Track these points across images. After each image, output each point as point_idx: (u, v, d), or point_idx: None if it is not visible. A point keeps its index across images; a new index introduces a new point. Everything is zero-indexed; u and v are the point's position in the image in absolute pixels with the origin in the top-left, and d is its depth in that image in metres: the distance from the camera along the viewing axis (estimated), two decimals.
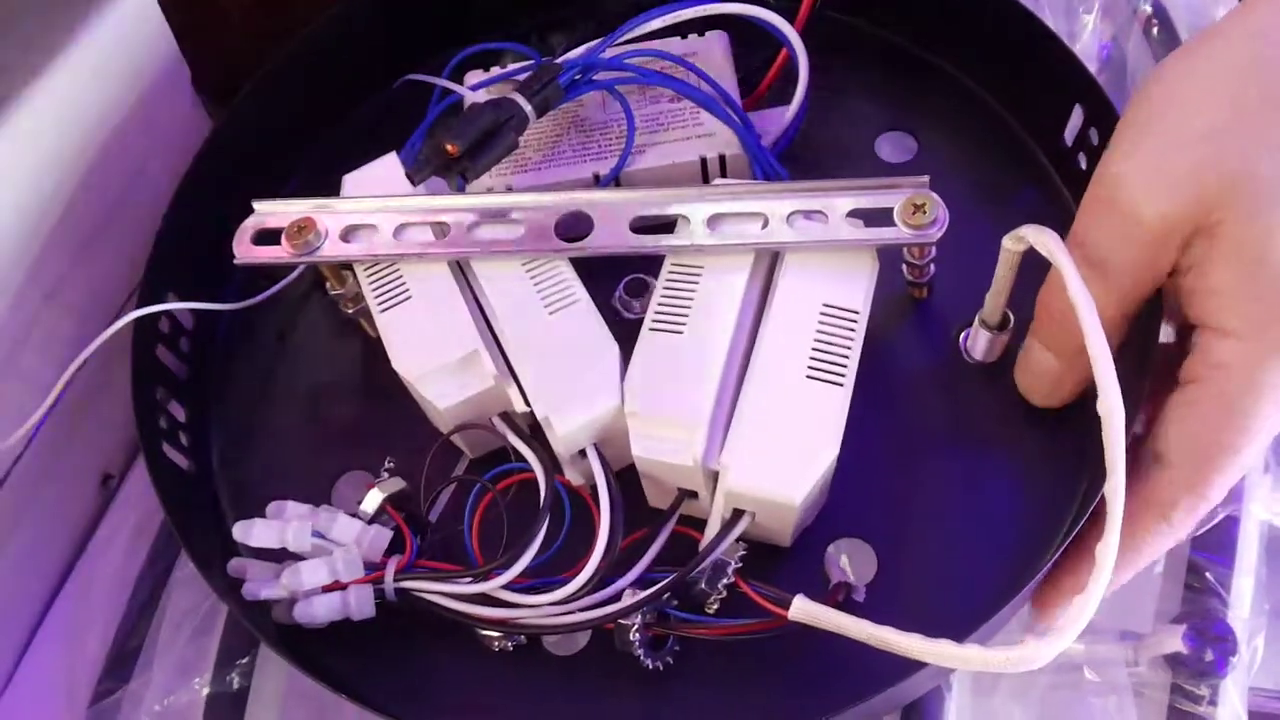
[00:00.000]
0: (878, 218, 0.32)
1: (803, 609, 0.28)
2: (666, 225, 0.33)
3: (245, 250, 0.34)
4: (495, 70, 0.40)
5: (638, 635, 0.29)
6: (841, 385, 0.30)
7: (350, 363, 0.38)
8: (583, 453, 0.31)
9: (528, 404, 0.31)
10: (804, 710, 0.27)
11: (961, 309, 0.34)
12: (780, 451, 0.29)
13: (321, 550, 0.31)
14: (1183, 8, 0.49)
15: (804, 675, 0.29)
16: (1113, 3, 0.50)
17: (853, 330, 0.31)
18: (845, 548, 0.32)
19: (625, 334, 0.32)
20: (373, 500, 0.32)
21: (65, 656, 0.40)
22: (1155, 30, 0.47)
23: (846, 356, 0.30)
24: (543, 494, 0.30)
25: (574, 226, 0.33)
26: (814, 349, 0.30)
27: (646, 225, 0.33)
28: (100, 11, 0.41)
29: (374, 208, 0.34)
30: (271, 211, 0.35)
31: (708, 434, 0.30)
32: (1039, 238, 0.29)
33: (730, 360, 0.31)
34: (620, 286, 0.36)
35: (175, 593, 0.38)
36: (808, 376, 0.30)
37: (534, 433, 0.32)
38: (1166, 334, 0.31)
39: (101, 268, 0.43)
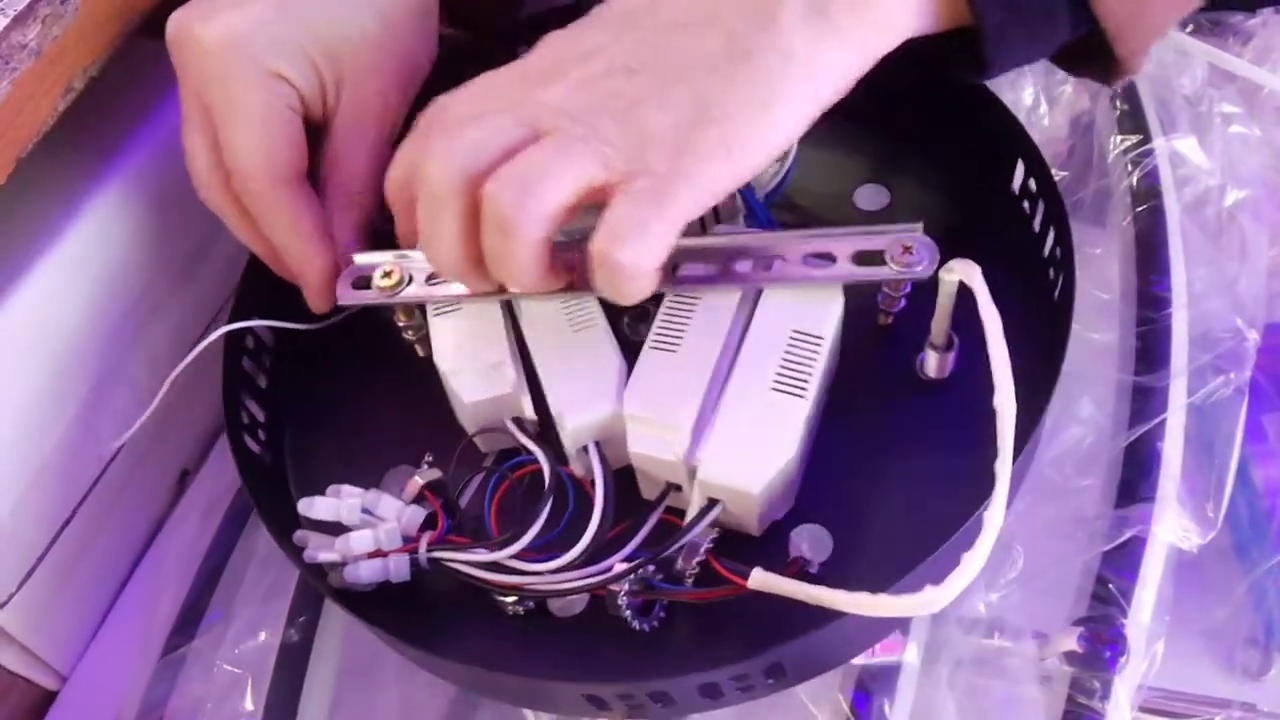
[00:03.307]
0: (870, 259, 0.37)
1: (759, 578, 0.33)
2: None
3: (345, 293, 0.40)
4: None
5: (624, 599, 0.35)
6: (803, 398, 0.36)
7: (401, 378, 0.43)
8: (586, 449, 0.37)
9: (536, 411, 0.38)
10: (761, 648, 0.33)
11: (922, 334, 0.39)
12: (746, 450, 0.35)
13: (369, 524, 0.37)
14: (1149, 79, 0.53)
15: (763, 629, 0.34)
16: None
17: (817, 353, 0.36)
18: (807, 532, 0.37)
19: (630, 353, 0.38)
20: (413, 486, 0.38)
21: (142, 618, 0.47)
22: (1117, 100, 0.52)
23: (809, 374, 0.36)
24: (547, 480, 0.37)
25: None
26: (780, 367, 0.36)
27: None
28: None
29: None
30: (367, 262, 0.41)
31: (690, 434, 0.35)
32: (964, 269, 0.35)
33: (715, 375, 0.36)
34: (626, 314, 0.42)
35: (251, 564, 0.44)
36: (772, 389, 0.36)
37: (542, 435, 0.38)
38: None
39: (192, 296, 0.51)
